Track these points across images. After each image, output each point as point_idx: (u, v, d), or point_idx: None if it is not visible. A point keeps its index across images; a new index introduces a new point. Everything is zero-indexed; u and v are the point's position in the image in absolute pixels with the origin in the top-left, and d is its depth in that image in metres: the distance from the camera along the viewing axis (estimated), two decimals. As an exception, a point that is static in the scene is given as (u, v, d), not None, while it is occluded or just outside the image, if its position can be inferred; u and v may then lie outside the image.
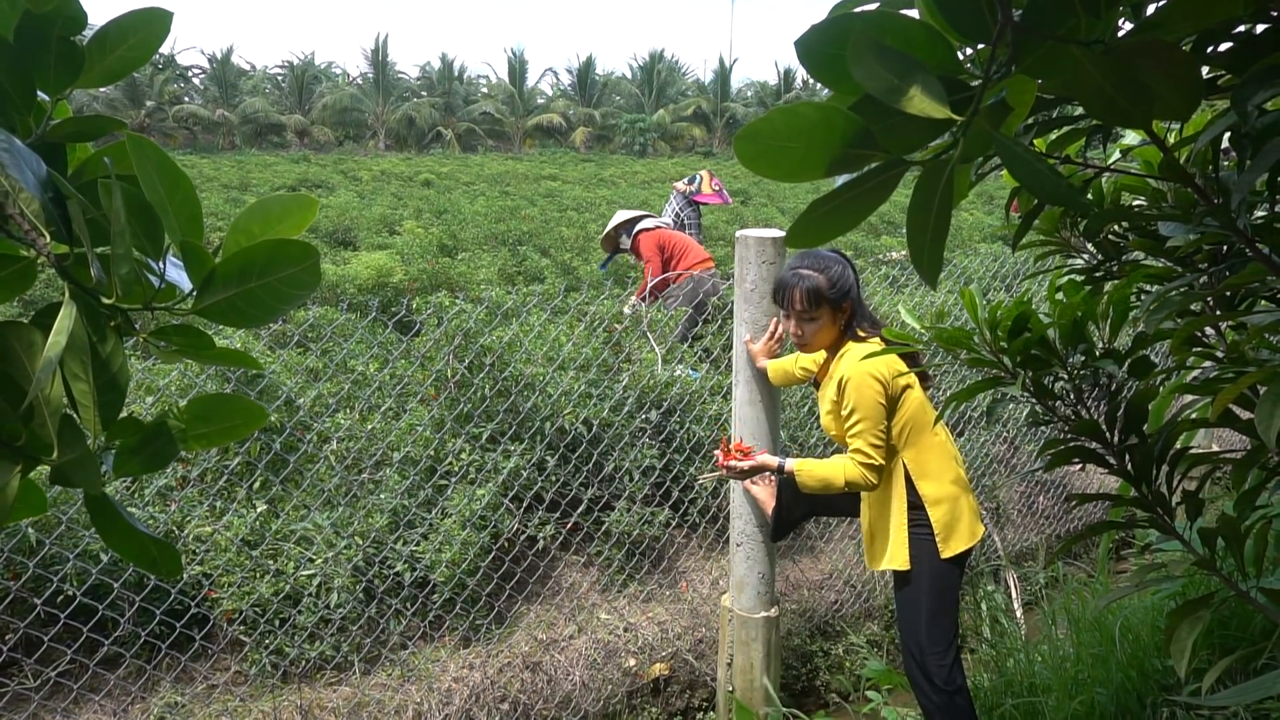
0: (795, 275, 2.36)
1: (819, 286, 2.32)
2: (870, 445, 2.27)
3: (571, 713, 2.98)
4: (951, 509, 2.34)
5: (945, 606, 2.34)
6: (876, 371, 2.27)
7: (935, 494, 2.34)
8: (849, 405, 2.28)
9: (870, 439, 2.27)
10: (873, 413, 2.26)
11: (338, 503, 3.03)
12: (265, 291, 0.80)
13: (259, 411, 0.87)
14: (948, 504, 2.34)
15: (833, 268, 2.37)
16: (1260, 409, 0.89)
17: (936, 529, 2.32)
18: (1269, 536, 2.43)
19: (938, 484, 2.35)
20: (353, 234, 11.00)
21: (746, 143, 0.60)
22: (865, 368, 2.27)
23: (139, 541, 0.80)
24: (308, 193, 0.82)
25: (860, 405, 2.26)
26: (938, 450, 2.38)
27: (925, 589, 2.34)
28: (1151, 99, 0.58)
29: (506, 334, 3.43)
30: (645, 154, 44.78)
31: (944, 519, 2.33)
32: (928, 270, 0.58)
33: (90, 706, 2.53)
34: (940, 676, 2.31)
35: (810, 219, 0.60)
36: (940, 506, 2.33)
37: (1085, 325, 1.47)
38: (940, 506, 2.33)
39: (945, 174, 0.58)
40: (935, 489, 2.34)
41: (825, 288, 2.33)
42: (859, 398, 2.26)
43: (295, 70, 47.97)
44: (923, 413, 2.36)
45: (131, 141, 0.76)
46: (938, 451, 2.38)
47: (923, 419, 2.36)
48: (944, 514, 2.33)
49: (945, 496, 2.34)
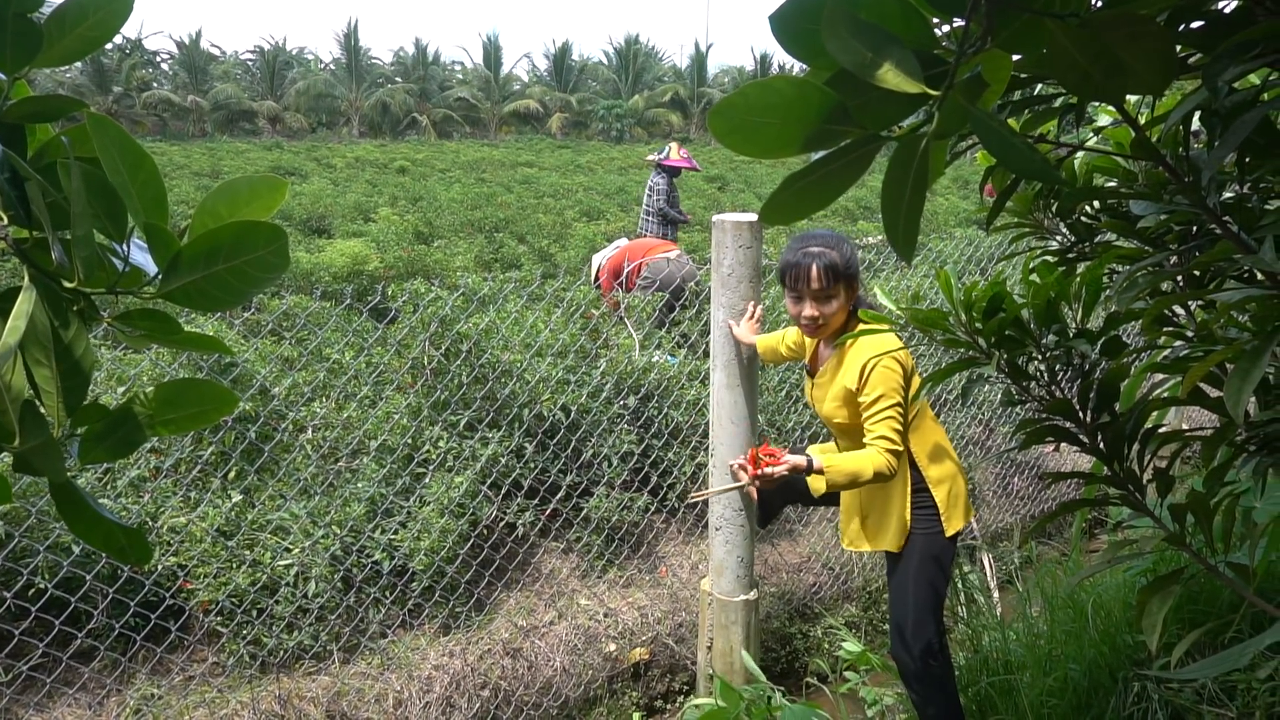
0: (807, 254, 2.26)
1: (835, 263, 2.25)
2: (895, 431, 2.22)
3: (552, 698, 2.99)
4: (952, 488, 2.37)
5: (942, 584, 2.37)
6: (899, 355, 2.24)
7: (938, 475, 2.35)
8: (874, 392, 2.22)
9: (896, 424, 2.22)
10: (897, 398, 2.22)
11: (314, 492, 3.01)
12: (233, 274, 0.79)
13: (228, 396, 0.85)
14: (949, 483, 2.36)
15: (843, 245, 2.31)
16: (1228, 385, 0.90)
17: (941, 509, 2.34)
18: (1236, 512, 2.47)
19: (940, 465, 2.36)
20: (327, 222, 10.89)
21: (721, 118, 0.60)
22: (889, 352, 2.23)
23: (107, 529, 0.79)
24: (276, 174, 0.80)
25: (887, 391, 2.21)
26: (937, 432, 2.41)
27: (927, 567, 2.34)
28: (1125, 73, 0.58)
29: (483, 320, 3.41)
30: (622, 140, 44.60)
31: (946, 498, 2.35)
32: (903, 245, 0.58)
33: (64, 700, 2.50)
34: (935, 654, 2.33)
35: (785, 195, 0.60)
36: (943, 486, 2.35)
37: (1058, 306, 1.48)
38: (943, 486, 2.35)
39: (920, 149, 0.58)
40: (938, 470, 2.36)
41: (840, 264, 2.25)
42: (885, 384, 2.21)
43: (267, 56, 47.26)
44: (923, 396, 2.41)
45: (92, 121, 0.74)
46: (937, 433, 2.40)
47: (923, 403, 2.41)
48: (945, 494, 2.35)
49: (946, 476, 2.36)
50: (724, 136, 0.61)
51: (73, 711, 2.48)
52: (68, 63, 0.86)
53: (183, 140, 36.27)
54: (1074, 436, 1.48)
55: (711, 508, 2.90)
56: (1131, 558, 1.47)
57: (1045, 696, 2.21)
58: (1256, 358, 0.92)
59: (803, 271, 2.25)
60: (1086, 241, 1.77)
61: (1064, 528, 4.37)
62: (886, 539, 2.40)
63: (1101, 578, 2.62)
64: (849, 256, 2.29)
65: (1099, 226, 1.74)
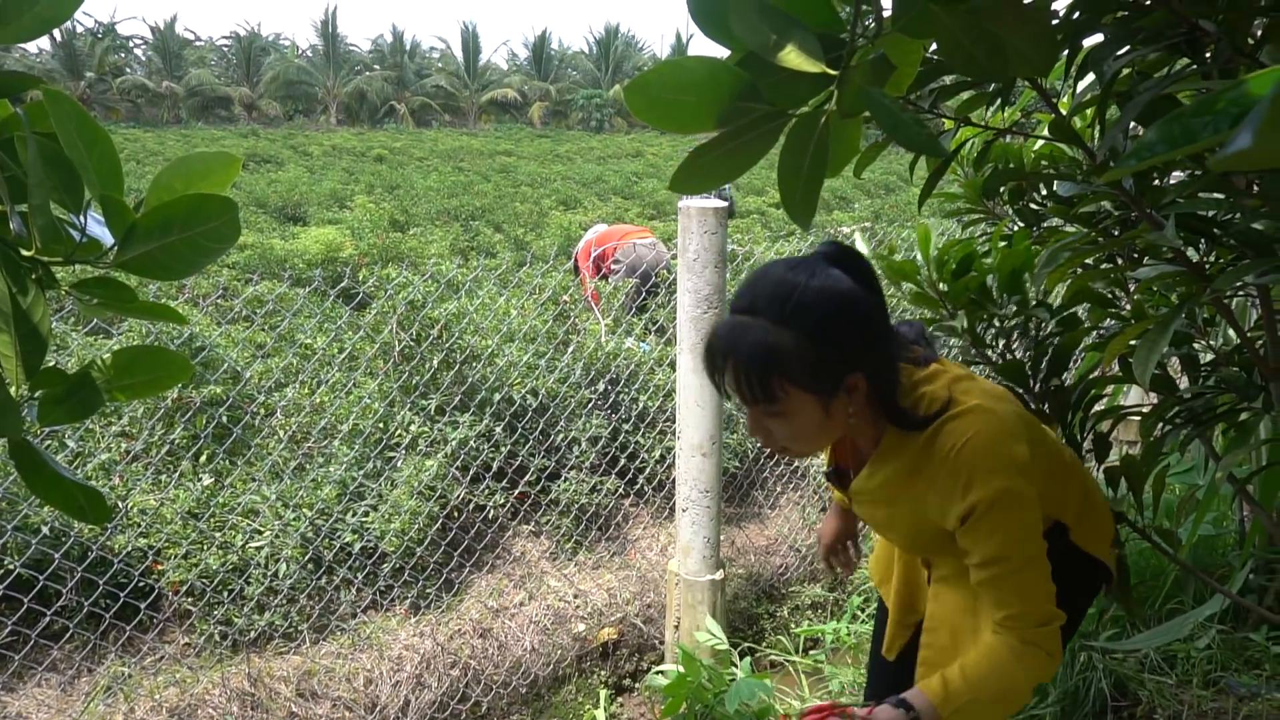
0: (725, 332, 1.20)
1: (748, 369, 1.17)
2: (1045, 604, 1.23)
3: (522, 677, 3.04)
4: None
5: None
6: (1021, 462, 1.20)
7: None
8: (989, 542, 1.21)
9: (1044, 593, 1.24)
10: (1035, 547, 1.24)
11: (284, 474, 3.03)
12: (186, 245, 0.82)
13: (183, 364, 0.89)
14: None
15: (812, 307, 1.15)
16: (1136, 356, 0.96)
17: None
18: (1177, 488, 2.56)
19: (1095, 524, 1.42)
20: (302, 209, 10.84)
21: (637, 94, 0.64)
22: (1010, 463, 1.20)
23: (66, 489, 0.82)
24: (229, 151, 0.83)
25: (1015, 540, 1.21)
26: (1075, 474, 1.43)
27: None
28: (1006, 54, 0.63)
29: (451, 305, 3.44)
30: (602, 130, 44.49)
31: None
32: (800, 215, 0.63)
33: (34, 679, 2.52)
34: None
35: (694, 166, 0.64)
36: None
37: (1021, 276, 1.54)
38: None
39: (819, 125, 0.63)
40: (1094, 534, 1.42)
41: (788, 356, 1.15)
42: (1011, 530, 1.21)
43: (242, 42, 46.71)
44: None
45: (49, 96, 0.77)
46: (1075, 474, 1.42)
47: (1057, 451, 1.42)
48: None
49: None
50: (641, 112, 0.66)
51: (43, 690, 2.50)
52: (25, 40, 0.88)
53: (157, 127, 35.80)
54: (1022, 399, 1.55)
55: (679, 489, 2.96)
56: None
57: (996, 668, 2.29)
58: (1163, 330, 0.98)
59: (716, 375, 1.24)
60: (1035, 226, 1.84)
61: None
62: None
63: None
64: (820, 328, 1.15)
65: (1045, 212, 1.80)
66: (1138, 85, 0.99)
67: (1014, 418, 1.21)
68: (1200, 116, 0.36)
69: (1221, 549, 2.52)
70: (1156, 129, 0.37)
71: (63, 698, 2.50)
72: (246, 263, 6.52)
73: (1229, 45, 0.85)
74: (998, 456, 1.17)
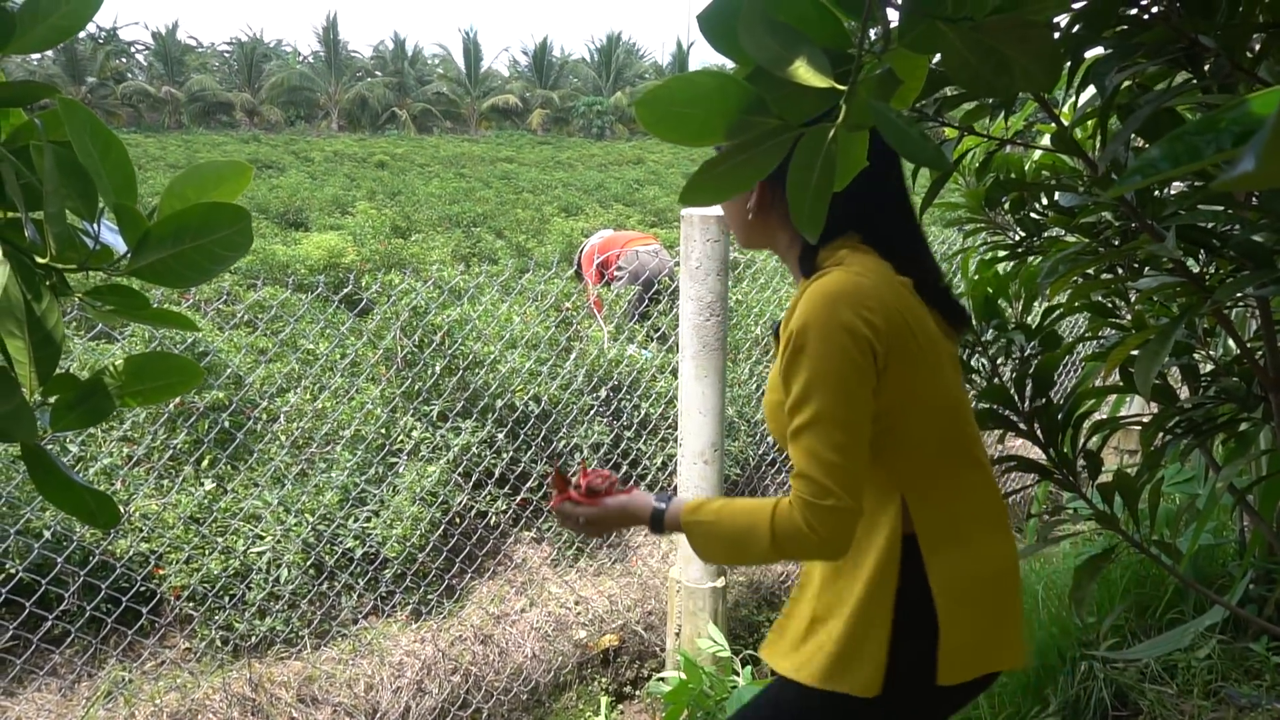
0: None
1: None
2: (828, 464, 1.16)
3: (523, 683, 3.04)
4: (980, 598, 1.28)
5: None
6: (862, 302, 1.19)
7: (956, 572, 1.24)
8: (796, 382, 1.18)
9: (829, 452, 1.17)
10: (837, 394, 1.18)
11: (286, 480, 3.04)
12: (198, 253, 0.83)
13: (194, 370, 0.90)
14: (975, 589, 1.26)
15: None
16: (1137, 366, 0.97)
17: (944, 635, 1.21)
18: (1177, 498, 2.57)
19: (961, 550, 1.26)
20: (304, 215, 10.87)
21: (647, 108, 0.65)
22: (842, 295, 1.21)
23: (76, 493, 0.83)
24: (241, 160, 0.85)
25: (819, 379, 1.18)
26: (973, 482, 1.32)
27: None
28: (1012, 71, 0.64)
29: (454, 311, 3.45)
30: (603, 137, 44.61)
31: (961, 618, 1.23)
32: (808, 225, 0.64)
33: (35, 683, 2.52)
34: None
35: (704, 178, 0.65)
36: (960, 595, 1.24)
37: (996, 300, 1.55)
38: (960, 595, 1.24)
39: (827, 138, 0.64)
40: (958, 561, 1.25)
41: None
42: (819, 365, 1.18)
43: (244, 47, 46.86)
44: None
45: (64, 106, 0.78)
46: (973, 484, 1.31)
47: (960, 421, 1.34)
48: (965, 611, 1.23)
49: (974, 576, 1.27)
50: (651, 125, 0.67)
51: (44, 695, 2.51)
52: (40, 50, 0.90)
53: (158, 132, 35.89)
54: (1012, 423, 1.56)
55: (682, 497, 2.96)
56: (1065, 538, 1.54)
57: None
58: (1164, 340, 0.99)
59: None
60: (1035, 236, 1.85)
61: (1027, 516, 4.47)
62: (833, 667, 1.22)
63: (1053, 562, 2.70)
64: None
65: (1046, 222, 1.81)
66: (1138, 98, 1.00)
67: (873, 294, 1.14)
68: (1204, 134, 0.37)
69: (1221, 559, 2.53)
70: (1160, 146, 0.38)
71: (63, 702, 2.50)
72: (249, 268, 6.53)
73: (1228, 60, 0.86)
74: (829, 304, 1.13)
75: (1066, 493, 1.75)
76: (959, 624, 1.20)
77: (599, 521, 1.37)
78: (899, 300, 1.17)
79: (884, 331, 1.13)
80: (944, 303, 1.26)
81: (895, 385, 1.16)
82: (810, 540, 1.12)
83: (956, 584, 1.21)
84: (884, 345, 1.14)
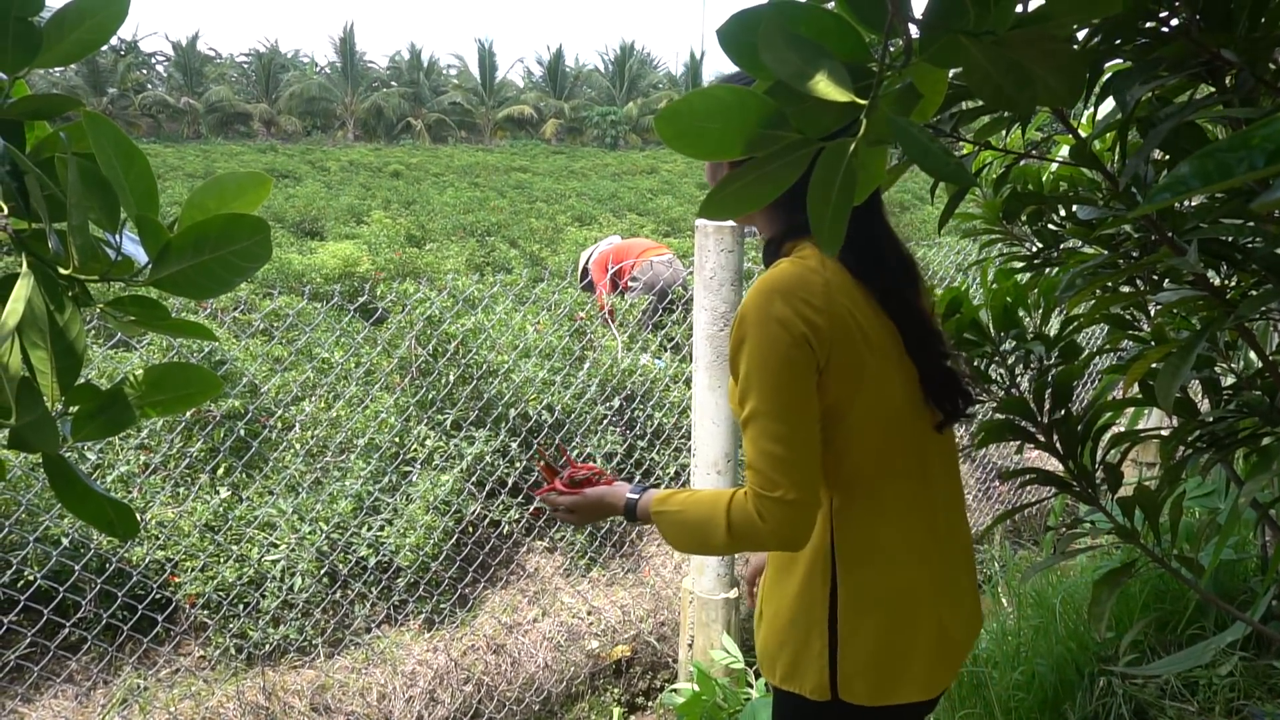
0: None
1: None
2: (771, 457, 1.16)
3: (535, 693, 3.03)
4: (885, 624, 1.24)
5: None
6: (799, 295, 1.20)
7: (865, 592, 1.23)
8: (741, 378, 1.22)
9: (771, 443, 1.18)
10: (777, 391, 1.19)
11: (301, 488, 3.05)
12: (219, 264, 0.84)
13: (213, 380, 0.90)
14: (880, 613, 1.23)
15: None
16: (1159, 380, 0.96)
17: (843, 652, 1.22)
18: (1198, 512, 2.54)
19: (873, 569, 1.24)
20: (320, 224, 10.94)
21: (667, 123, 0.65)
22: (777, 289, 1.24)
23: (96, 503, 0.83)
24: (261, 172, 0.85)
25: (756, 373, 1.21)
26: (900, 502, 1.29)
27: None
28: (1035, 85, 0.64)
29: (469, 320, 3.46)
30: (616, 147, 44.73)
31: (865, 639, 1.23)
32: (827, 241, 0.63)
33: (51, 689, 2.53)
34: None
35: (725, 192, 0.65)
36: (865, 615, 1.23)
37: (1015, 310, 1.54)
38: (865, 615, 1.23)
39: (847, 153, 0.63)
40: (870, 580, 1.24)
41: None
42: (758, 358, 1.20)
43: (262, 59, 47.33)
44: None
45: (88, 119, 0.79)
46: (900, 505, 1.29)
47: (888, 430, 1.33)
48: (869, 632, 1.22)
49: (880, 597, 1.24)
50: (671, 140, 0.67)
51: (60, 701, 2.52)
52: (65, 64, 0.91)
53: (177, 142, 36.27)
54: (1031, 435, 1.54)
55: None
56: (1082, 551, 1.52)
57: (1013, 691, 2.26)
58: (1186, 354, 0.98)
59: None
60: (1053, 248, 1.83)
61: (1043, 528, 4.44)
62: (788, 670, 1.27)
63: (1071, 576, 2.68)
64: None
65: (1064, 233, 1.80)
66: (1158, 110, 0.99)
67: (819, 291, 1.13)
68: (1235, 152, 0.37)
69: (1243, 575, 2.49)
70: (1190, 164, 0.38)
71: (79, 709, 2.51)
72: (264, 277, 6.58)
73: (1250, 74, 0.85)
74: (766, 296, 1.13)
75: (1084, 506, 1.73)
76: (855, 645, 1.20)
77: (579, 510, 1.41)
78: (853, 303, 1.16)
79: (824, 330, 1.12)
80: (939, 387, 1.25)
81: (834, 388, 1.15)
82: (761, 531, 1.12)
83: (859, 602, 1.21)
84: (823, 343, 1.13)
